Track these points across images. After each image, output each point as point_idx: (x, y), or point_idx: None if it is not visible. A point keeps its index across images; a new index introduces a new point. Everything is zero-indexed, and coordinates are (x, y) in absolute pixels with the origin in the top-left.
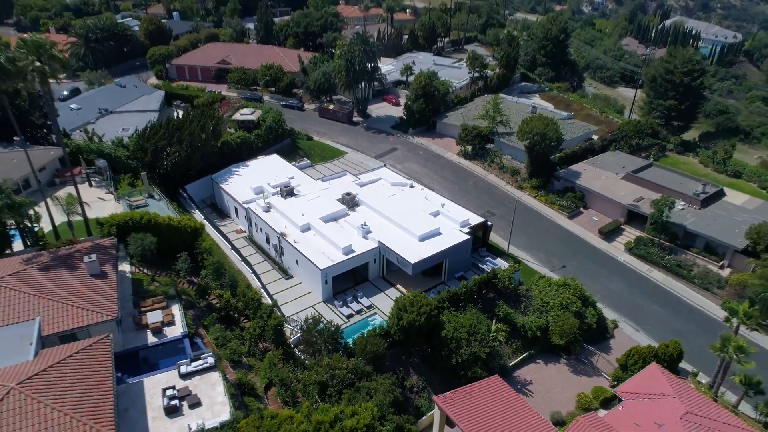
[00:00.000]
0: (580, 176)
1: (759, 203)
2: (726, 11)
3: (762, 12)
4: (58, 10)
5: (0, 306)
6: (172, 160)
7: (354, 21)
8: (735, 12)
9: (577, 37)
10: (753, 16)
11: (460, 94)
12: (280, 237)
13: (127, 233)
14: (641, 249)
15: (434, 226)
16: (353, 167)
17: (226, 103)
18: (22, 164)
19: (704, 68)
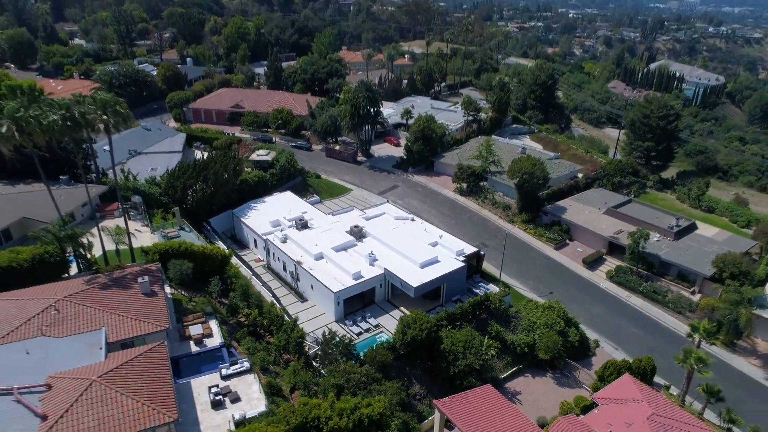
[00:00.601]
0: (565, 211)
1: (728, 235)
2: (712, 53)
3: (746, 54)
4: (79, 56)
5: (71, 318)
6: (198, 196)
7: (356, 66)
8: (720, 54)
9: (567, 80)
10: (738, 58)
11: (456, 136)
12: (296, 264)
13: (167, 259)
14: (621, 277)
15: (433, 254)
16: (359, 203)
17: (244, 145)
18: (68, 200)
19: (678, 113)
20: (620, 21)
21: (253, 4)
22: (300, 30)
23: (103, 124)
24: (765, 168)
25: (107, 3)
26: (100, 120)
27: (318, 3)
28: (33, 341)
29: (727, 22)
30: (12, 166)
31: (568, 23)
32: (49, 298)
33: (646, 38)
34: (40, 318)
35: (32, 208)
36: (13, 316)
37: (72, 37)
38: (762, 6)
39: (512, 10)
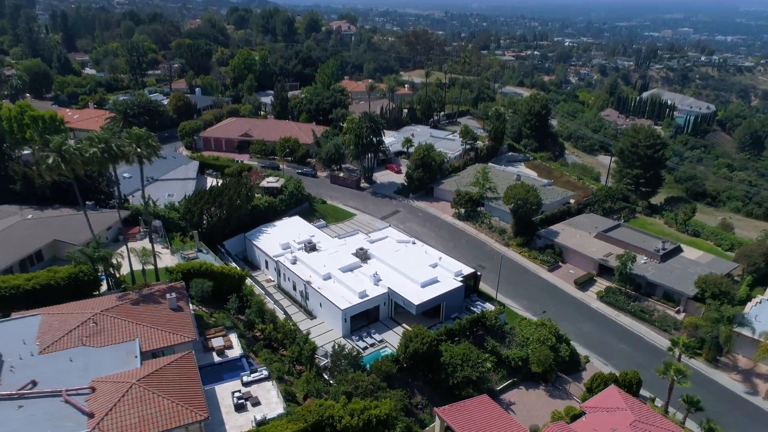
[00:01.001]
0: (558, 235)
1: (711, 258)
2: (704, 81)
3: (738, 82)
4: (92, 86)
5: (108, 330)
6: (213, 220)
7: (358, 95)
8: (713, 82)
9: (561, 109)
10: (730, 86)
11: (454, 163)
12: (306, 284)
13: (189, 278)
14: (610, 297)
15: (433, 275)
16: (363, 227)
17: (254, 173)
18: (94, 223)
19: (664, 142)
20: (615, 50)
21: (257, 35)
22: (303, 60)
23: (137, 156)
24: (752, 194)
25: (117, 34)
26: (135, 152)
27: (320, 34)
28: (75, 350)
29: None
30: (42, 192)
31: (564, 52)
32: (87, 312)
33: (640, 67)
34: (80, 330)
35: (62, 231)
36: (56, 328)
37: (83, 67)
38: (754, 35)
39: (509, 39)
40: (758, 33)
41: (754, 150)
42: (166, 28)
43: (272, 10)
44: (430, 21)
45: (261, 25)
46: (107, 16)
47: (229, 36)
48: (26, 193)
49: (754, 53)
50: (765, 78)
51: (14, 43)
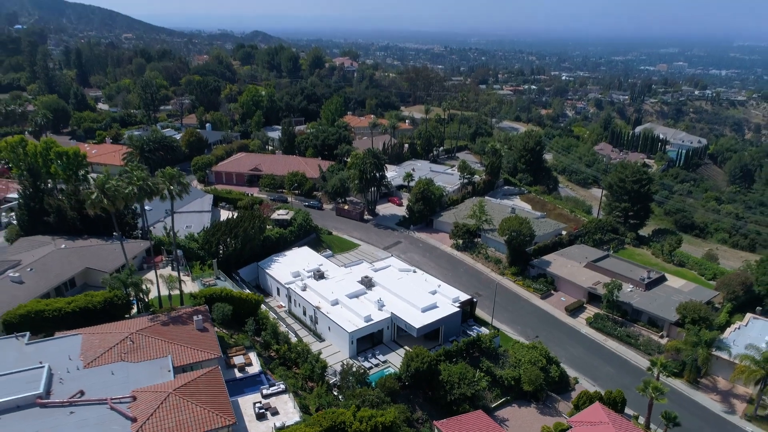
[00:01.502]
0: (550, 264)
1: (693, 286)
2: (698, 115)
3: (731, 116)
4: (107, 122)
5: (143, 347)
6: (230, 250)
7: (360, 130)
8: (707, 116)
9: (556, 144)
10: (723, 119)
11: (452, 196)
12: (315, 309)
13: (211, 303)
14: (599, 323)
15: (432, 301)
16: (366, 257)
17: (266, 205)
18: (121, 253)
19: (650, 177)
20: (610, 84)
21: (262, 70)
22: (308, 97)
23: (169, 192)
24: (738, 226)
25: (128, 70)
26: (168, 189)
27: (324, 70)
28: (116, 365)
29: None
30: (72, 223)
31: (561, 86)
32: (124, 332)
33: (635, 101)
34: (119, 347)
35: (92, 259)
36: (97, 346)
37: (96, 102)
38: (747, 68)
39: (507, 74)
40: (751, 67)
41: (744, 183)
42: (176, 64)
43: (277, 47)
44: (429, 55)
45: (266, 61)
46: (119, 53)
47: (236, 72)
48: (58, 225)
49: (748, 87)
50: (757, 111)
51: (31, 80)
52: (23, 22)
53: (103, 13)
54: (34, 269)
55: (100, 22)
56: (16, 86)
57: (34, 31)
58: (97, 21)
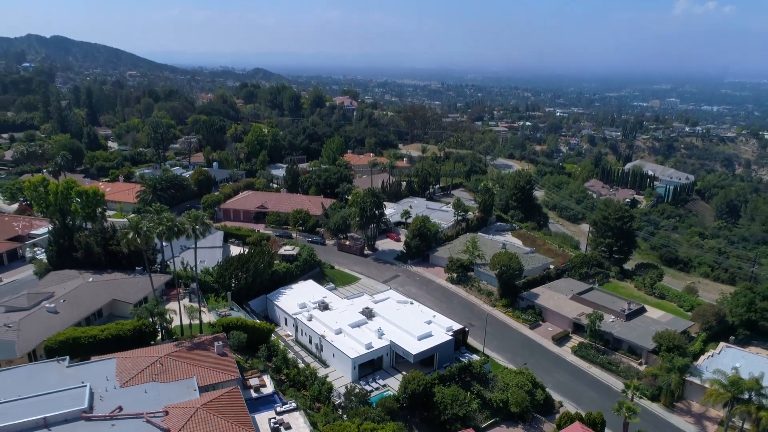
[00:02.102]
0: (538, 297)
1: (671, 317)
2: (689, 151)
3: (722, 152)
4: (119, 161)
5: (171, 369)
6: (241, 283)
7: (360, 168)
8: (698, 151)
9: (548, 181)
10: (714, 155)
11: (447, 233)
12: (320, 337)
13: (228, 331)
14: (583, 351)
15: (428, 330)
16: (367, 289)
17: (273, 242)
18: (144, 286)
19: (632, 215)
20: (603, 120)
21: (265, 109)
22: (310, 136)
23: (194, 231)
24: (720, 261)
25: (137, 110)
26: (192, 229)
27: (324, 109)
28: (148, 385)
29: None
30: (98, 259)
31: (555, 123)
32: (153, 356)
33: (627, 137)
34: (150, 369)
35: (117, 291)
36: (131, 368)
37: (105, 140)
38: (738, 104)
39: (502, 110)
40: (742, 103)
41: (730, 218)
42: (182, 104)
43: (279, 87)
44: (427, 92)
45: (269, 100)
46: (127, 92)
47: (239, 110)
48: (85, 260)
49: (739, 123)
50: (746, 147)
51: (45, 119)
52: (30, 59)
53: (108, 51)
54: (66, 300)
55: (105, 60)
56: (29, 125)
57: (42, 69)
58: (103, 59)
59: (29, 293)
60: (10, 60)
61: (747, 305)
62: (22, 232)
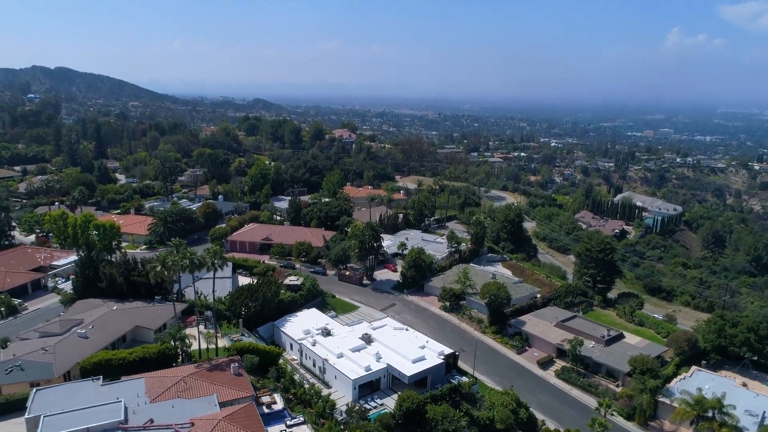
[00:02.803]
0: (525, 324)
1: (647, 343)
2: (681, 181)
3: (712, 182)
4: (129, 194)
5: (194, 387)
6: (251, 311)
7: (359, 201)
8: (689, 182)
9: (539, 213)
10: (705, 185)
11: (441, 263)
12: (324, 361)
13: (241, 354)
14: (565, 374)
15: (421, 354)
16: (365, 317)
17: (279, 273)
18: (163, 313)
19: (613, 247)
20: (597, 151)
21: (266, 141)
22: (311, 169)
23: (213, 265)
24: (702, 290)
25: (143, 143)
26: (211, 263)
27: (324, 142)
28: (174, 401)
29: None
30: (120, 289)
31: (549, 154)
32: (177, 376)
33: (620, 168)
34: (176, 387)
35: (139, 318)
36: (158, 386)
37: (113, 172)
38: (731, 134)
39: (498, 140)
40: (735, 133)
41: (717, 248)
42: (186, 136)
43: (281, 120)
44: (424, 122)
45: (270, 132)
46: (133, 125)
47: (241, 142)
48: (108, 289)
49: (731, 152)
50: (737, 178)
51: (55, 153)
52: (35, 90)
53: (111, 82)
54: (94, 327)
55: (108, 91)
56: (40, 158)
57: (48, 101)
58: (106, 89)
59: (61, 320)
60: (16, 91)
61: (717, 332)
62: (44, 263)
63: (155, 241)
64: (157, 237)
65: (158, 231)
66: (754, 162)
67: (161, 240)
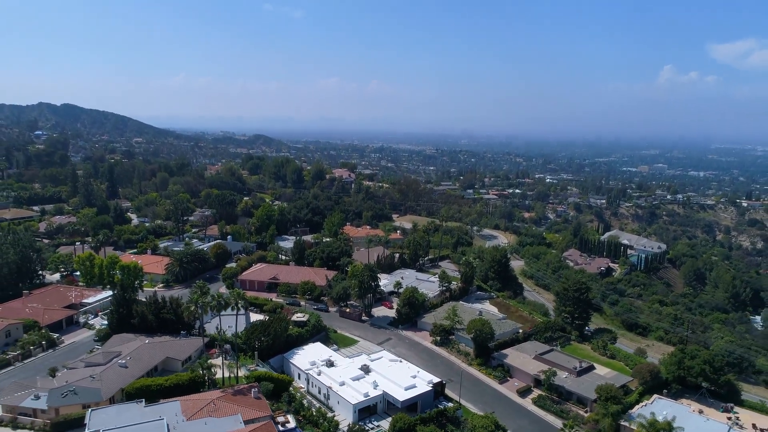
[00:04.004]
0: (507, 357)
1: (615, 374)
2: (671, 218)
3: (702, 218)
4: (144, 234)
5: (222, 408)
6: (263, 345)
7: (358, 240)
8: (679, 218)
9: (528, 252)
10: (695, 222)
11: (433, 301)
12: (328, 388)
13: (259, 381)
14: (541, 402)
15: (413, 382)
16: (364, 350)
17: (287, 310)
18: (188, 346)
19: (588, 287)
20: (591, 187)
21: (269, 180)
22: (313, 210)
23: (237, 305)
24: (675, 326)
25: (153, 183)
26: (235, 303)
27: (324, 181)
28: (206, 419)
29: (693, 185)
30: (150, 324)
31: (543, 191)
32: (207, 399)
33: (611, 205)
34: (206, 408)
35: (169, 351)
36: (192, 408)
37: (126, 212)
38: (724, 170)
39: (494, 177)
40: (728, 168)
41: (698, 284)
42: (194, 178)
43: (283, 160)
44: (422, 157)
45: (273, 172)
46: (143, 166)
47: (246, 181)
48: (140, 325)
49: (724, 188)
50: (726, 215)
51: (72, 194)
52: (42, 127)
53: (115, 119)
54: (131, 358)
55: (113, 127)
56: (57, 198)
57: (57, 140)
58: (110, 125)
59: (104, 352)
60: (23, 128)
61: (677, 364)
62: (75, 301)
63: (171, 279)
64: (174, 276)
65: (174, 271)
66: (743, 199)
67: (177, 279)
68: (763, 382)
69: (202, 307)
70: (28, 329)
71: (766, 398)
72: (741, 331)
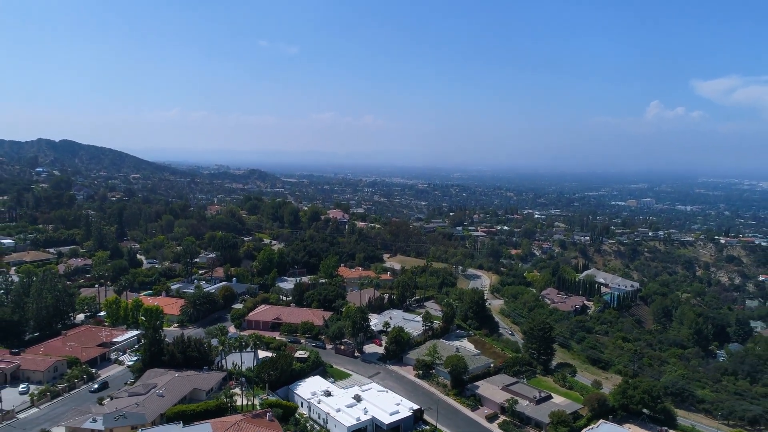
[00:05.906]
0: (479, 388)
1: (569, 402)
2: (653, 254)
3: (682, 255)
4: (156, 276)
5: (245, 429)
6: (272, 378)
7: (351, 281)
8: (660, 255)
9: (508, 291)
10: (675, 258)
11: (417, 339)
12: (326, 414)
13: (271, 407)
14: (505, 426)
15: (396, 409)
16: (356, 383)
17: (291, 348)
18: (210, 379)
19: (551, 327)
20: (578, 222)
21: (267, 220)
22: (309, 252)
23: (254, 346)
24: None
25: (159, 226)
26: (253, 344)
27: (320, 222)
28: None
29: (679, 219)
30: (177, 360)
31: (530, 228)
32: (232, 421)
33: (595, 242)
34: (232, 428)
35: (195, 383)
36: (220, 428)
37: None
38: (711, 204)
39: (483, 214)
40: (715, 203)
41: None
42: (196, 218)
43: (281, 202)
44: (414, 191)
45: (271, 213)
46: (148, 209)
47: (245, 221)
48: (169, 361)
49: (709, 222)
50: (705, 251)
51: (85, 238)
52: (41, 163)
53: (113, 154)
54: (165, 389)
55: (110, 162)
56: (71, 241)
57: (62, 179)
58: (108, 161)
59: (143, 384)
60: (24, 165)
61: (622, 393)
62: (106, 340)
63: (185, 320)
64: (187, 317)
65: (189, 312)
66: (722, 236)
67: (190, 319)
68: (703, 410)
69: (228, 348)
70: (71, 365)
71: (699, 423)
72: (695, 365)
